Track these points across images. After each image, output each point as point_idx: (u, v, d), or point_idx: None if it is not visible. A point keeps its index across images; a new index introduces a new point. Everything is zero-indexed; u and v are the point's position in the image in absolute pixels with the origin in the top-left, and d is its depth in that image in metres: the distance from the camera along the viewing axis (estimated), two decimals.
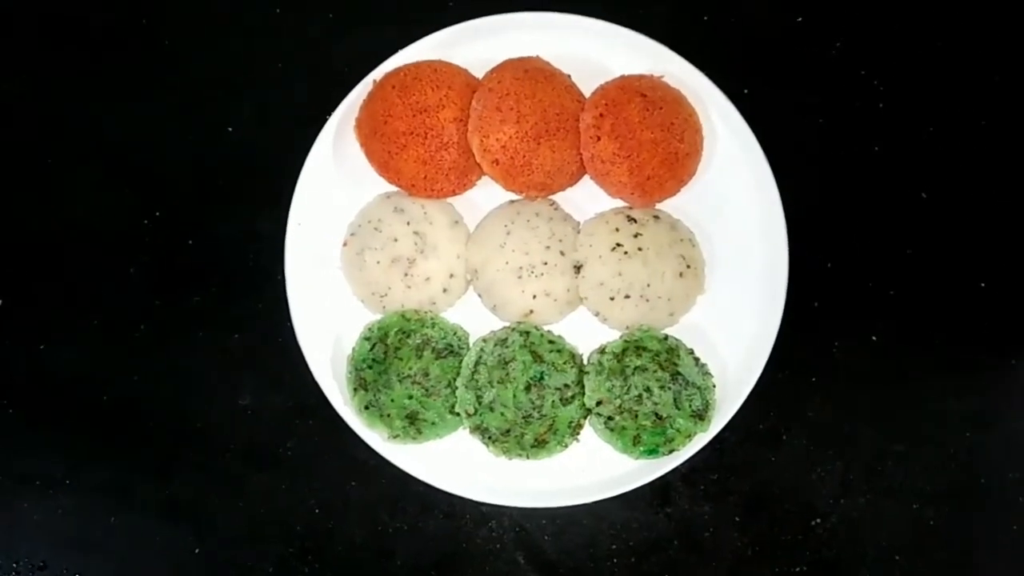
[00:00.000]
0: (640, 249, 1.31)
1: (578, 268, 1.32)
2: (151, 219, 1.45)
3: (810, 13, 1.46)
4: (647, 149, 1.30)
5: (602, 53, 1.37)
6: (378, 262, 1.32)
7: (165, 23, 1.46)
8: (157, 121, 1.46)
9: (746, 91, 1.40)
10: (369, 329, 1.32)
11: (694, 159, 1.36)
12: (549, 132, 1.30)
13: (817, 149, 1.44)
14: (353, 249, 1.35)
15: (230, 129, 1.45)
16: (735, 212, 1.36)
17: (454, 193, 1.37)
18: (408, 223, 1.33)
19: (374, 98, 1.33)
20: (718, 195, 1.37)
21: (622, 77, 1.35)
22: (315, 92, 1.39)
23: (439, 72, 1.33)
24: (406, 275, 1.32)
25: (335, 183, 1.37)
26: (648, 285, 1.30)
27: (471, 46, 1.36)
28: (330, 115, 1.34)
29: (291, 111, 1.42)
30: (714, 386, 1.31)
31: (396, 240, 1.32)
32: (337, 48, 1.44)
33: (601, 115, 1.30)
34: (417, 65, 1.33)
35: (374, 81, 1.34)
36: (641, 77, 1.35)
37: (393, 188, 1.36)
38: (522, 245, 1.31)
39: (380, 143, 1.32)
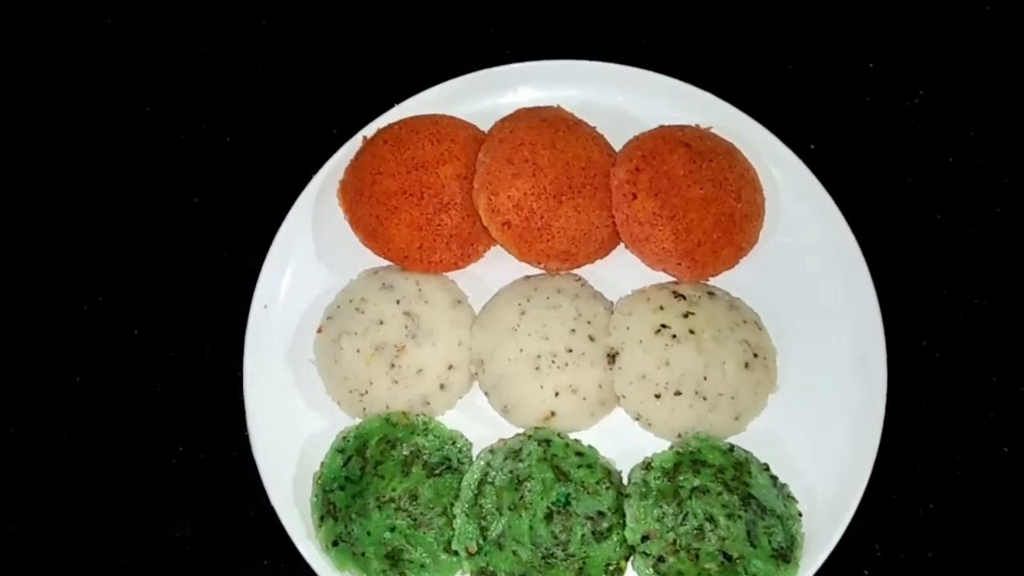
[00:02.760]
0: (692, 332, 1.15)
1: (612, 357, 1.17)
2: (91, 303, 1.34)
3: (883, 58, 1.39)
4: (695, 208, 1.17)
5: (635, 106, 1.28)
6: (358, 350, 1.17)
7: (130, 74, 1.41)
8: (105, 184, 1.38)
9: (812, 147, 1.34)
10: (344, 438, 1.18)
11: (754, 222, 1.24)
12: (572, 189, 1.17)
13: (907, 213, 1.33)
14: (329, 336, 1.21)
15: (195, 200, 1.37)
16: (810, 288, 1.23)
17: (456, 266, 1.24)
18: (398, 302, 1.19)
19: (363, 155, 1.25)
20: (787, 267, 1.24)
21: (661, 127, 1.25)
22: (296, 154, 1.31)
23: (440, 125, 1.24)
24: (393, 367, 1.17)
25: (312, 258, 1.27)
26: (704, 379, 1.15)
27: (479, 100, 1.28)
28: (310, 178, 1.26)
29: (266, 176, 1.34)
30: (800, 515, 1.15)
31: (382, 323, 1.18)
32: (325, 106, 1.39)
33: (637, 168, 1.17)
34: (415, 118, 1.26)
35: (364, 138, 1.26)
36: (684, 127, 1.25)
37: (383, 262, 1.25)
38: (540, 328, 1.17)
39: (368, 206, 1.21)
